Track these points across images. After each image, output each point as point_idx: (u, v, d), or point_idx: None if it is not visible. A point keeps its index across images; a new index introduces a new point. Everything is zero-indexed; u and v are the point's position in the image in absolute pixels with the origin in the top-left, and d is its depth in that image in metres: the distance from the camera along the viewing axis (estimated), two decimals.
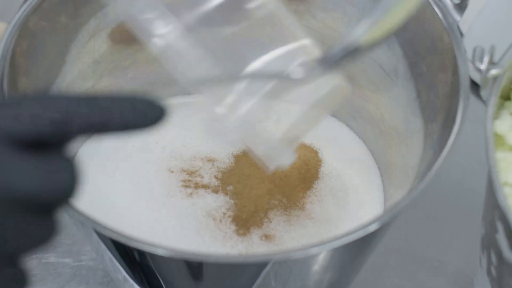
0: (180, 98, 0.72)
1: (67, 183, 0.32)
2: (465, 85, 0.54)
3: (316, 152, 0.69)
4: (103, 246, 0.54)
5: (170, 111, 0.37)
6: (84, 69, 0.64)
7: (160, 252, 0.47)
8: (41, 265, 0.69)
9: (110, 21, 0.64)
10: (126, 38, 0.66)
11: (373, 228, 0.48)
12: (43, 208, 0.32)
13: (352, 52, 0.44)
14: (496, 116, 0.56)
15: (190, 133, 0.71)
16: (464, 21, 0.59)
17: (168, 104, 0.37)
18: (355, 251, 0.55)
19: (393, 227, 0.55)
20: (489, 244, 0.54)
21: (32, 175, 0.30)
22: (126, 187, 0.66)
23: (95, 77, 0.66)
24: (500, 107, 0.57)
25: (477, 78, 0.57)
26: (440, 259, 0.70)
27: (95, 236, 0.52)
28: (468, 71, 0.55)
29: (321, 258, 0.53)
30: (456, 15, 0.58)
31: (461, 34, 0.57)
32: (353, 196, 0.67)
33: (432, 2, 0.58)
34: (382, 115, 0.67)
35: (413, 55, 0.61)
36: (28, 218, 0.31)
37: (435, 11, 0.58)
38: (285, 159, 0.52)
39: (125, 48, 0.67)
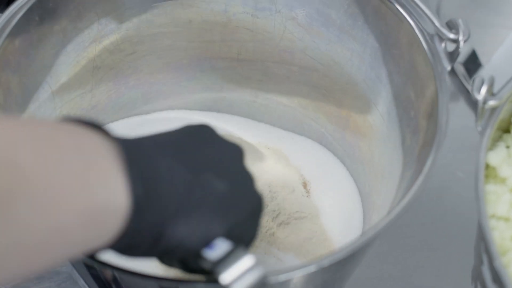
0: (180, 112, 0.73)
1: None
2: (440, 137, 0.53)
3: (305, 184, 0.68)
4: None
5: None
6: (83, 73, 0.65)
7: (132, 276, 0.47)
8: None
9: (113, 28, 0.64)
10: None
11: (339, 257, 0.48)
12: None
13: None
14: (492, 147, 0.55)
15: None
16: (485, 52, 0.59)
17: None
18: (324, 279, 0.54)
19: (388, 254, 0.54)
20: (476, 275, 0.54)
21: None
22: None
23: (93, 81, 0.66)
24: (498, 139, 0.56)
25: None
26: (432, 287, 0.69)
27: None
28: (448, 122, 0.54)
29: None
30: (447, 64, 0.56)
31: (480, 64, 0.56)
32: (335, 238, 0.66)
33: (426, 48, 0.57)
34: (373, 156, 0.65)
35: (404, 99, 0.60)
36: None
37: (427, 58, 0.57)
38: None
39: (128, 57, 0.67)
